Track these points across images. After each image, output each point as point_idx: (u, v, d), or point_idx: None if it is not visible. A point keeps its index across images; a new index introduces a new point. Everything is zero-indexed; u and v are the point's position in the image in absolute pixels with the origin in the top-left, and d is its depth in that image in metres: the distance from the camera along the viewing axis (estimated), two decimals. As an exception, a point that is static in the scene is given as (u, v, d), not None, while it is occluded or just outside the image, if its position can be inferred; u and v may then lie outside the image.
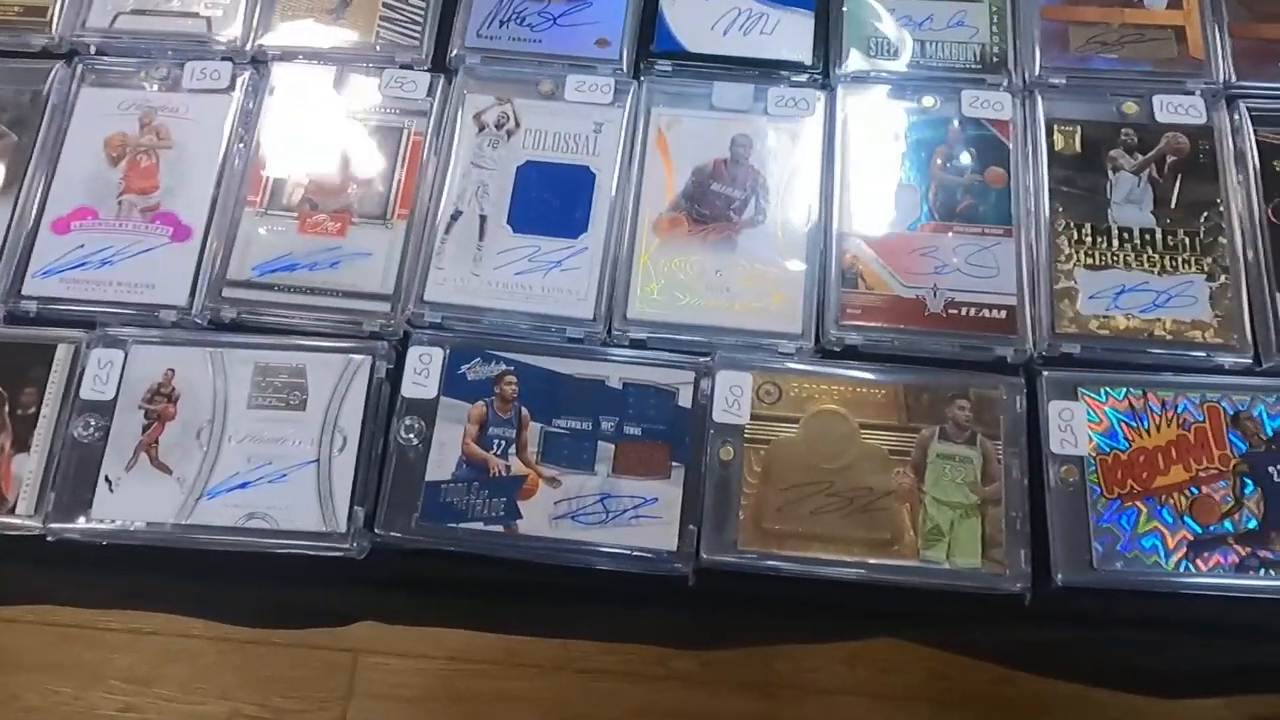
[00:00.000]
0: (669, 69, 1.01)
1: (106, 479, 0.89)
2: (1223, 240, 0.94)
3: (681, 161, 0.98)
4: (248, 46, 1.04)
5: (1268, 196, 0.96)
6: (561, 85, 1.01)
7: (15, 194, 0.98)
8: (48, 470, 0.89)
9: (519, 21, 1.05)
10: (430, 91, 1.00)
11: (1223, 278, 0.93)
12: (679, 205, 0.97)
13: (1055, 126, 0.99)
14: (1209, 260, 0.94)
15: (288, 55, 1.03)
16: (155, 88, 1.01)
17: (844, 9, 1.03)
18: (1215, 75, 1.00)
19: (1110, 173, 0.98)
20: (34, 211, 0.97)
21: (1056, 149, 0.98)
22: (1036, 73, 1.00)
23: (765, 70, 1.01)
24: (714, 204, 0.97)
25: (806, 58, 1.01)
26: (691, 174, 0.97)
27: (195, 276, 0.94)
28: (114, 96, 1.01)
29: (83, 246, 0.96)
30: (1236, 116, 0.98)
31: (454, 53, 1.02)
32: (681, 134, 0.99)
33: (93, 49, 1.04)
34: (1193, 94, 0.98)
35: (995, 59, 1.02)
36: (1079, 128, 0.99)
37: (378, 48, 1.03)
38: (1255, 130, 0.97)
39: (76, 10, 1.05)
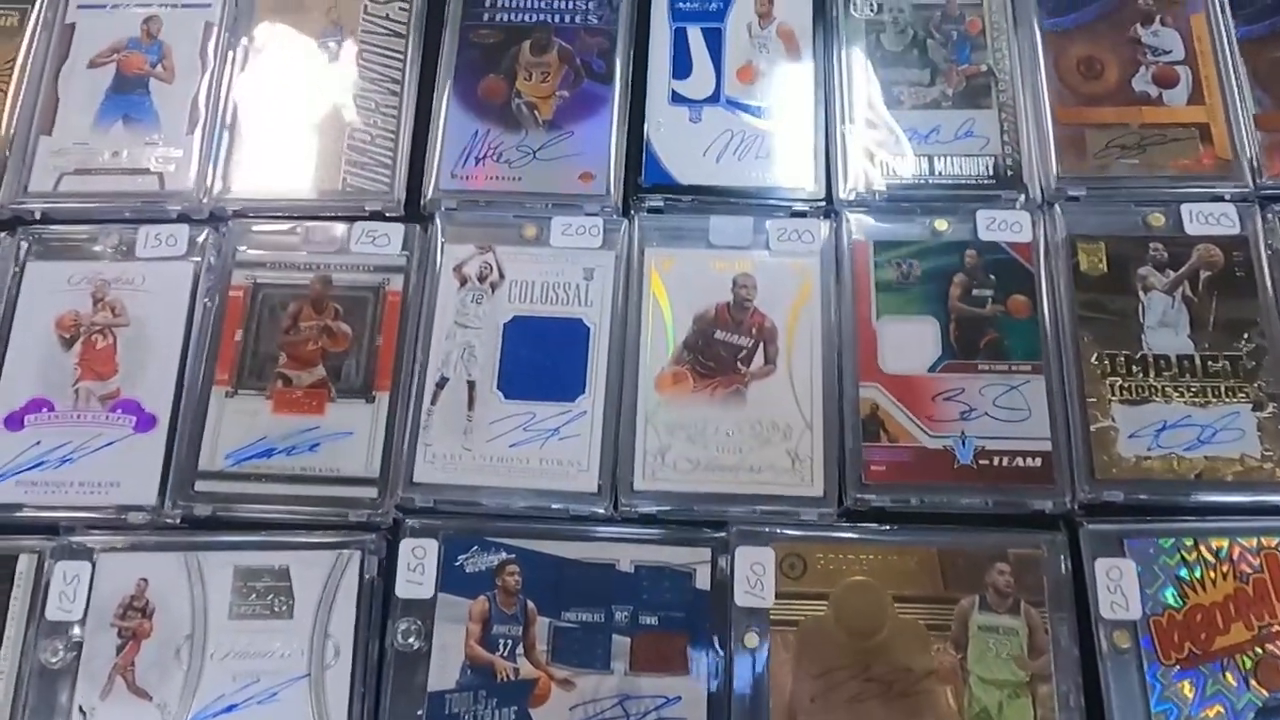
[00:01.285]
0: (660, 205, 0.97)
1: (80, 710, 0.84)
2: (1268, 362, 0.92)
3: (681, 307, 0.93)
4: (204, 200, 0.99)
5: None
6: (546, 228, 0.97)
7: (-39, 387, 0.96)
8: (15, 702, 0.84)
9: (496, 158, 1.00)
10: (405, 244, 0.96)
11: (1271, 407, 0.89)
12: (681, 358, 0.92)
13: (1078, 244, 0.97)
14: (1254, 387, 0.90)
15: (249, 209, 0.98)
16: (107, 257, 0.96)
17: (843, 126, 0.99)
18: (1245, 176, 0.97)
19: (1141, 293, 0.94)
20: (-18, 406, 0.95)
21: (1081, 269, 0.95)
22: (1054, 185, 0.97)
23: (764, 199, 0.98)
24: (719, 354, 0.93)
25: (808, 183, 0.99)
26: (693, 322, 0.93)
27: (164, 470, 0.89)
28: (63, 270, 0.95)
29: (39, 443, 0.90)
30: (1271, 219, 0.94)
31: (428, 197, 0.99)
32: (679, 276, 0.95)
33: (37, 215, 0.98)
34: (1223, 199, 0.96)
35: (1009, 171, 0.99)
36: (1104, 244, 0.96)
37: (345, 193, 0.96)
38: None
39: (17, 173, 1.00)
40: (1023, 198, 0.96)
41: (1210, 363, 0.91)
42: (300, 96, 1.02)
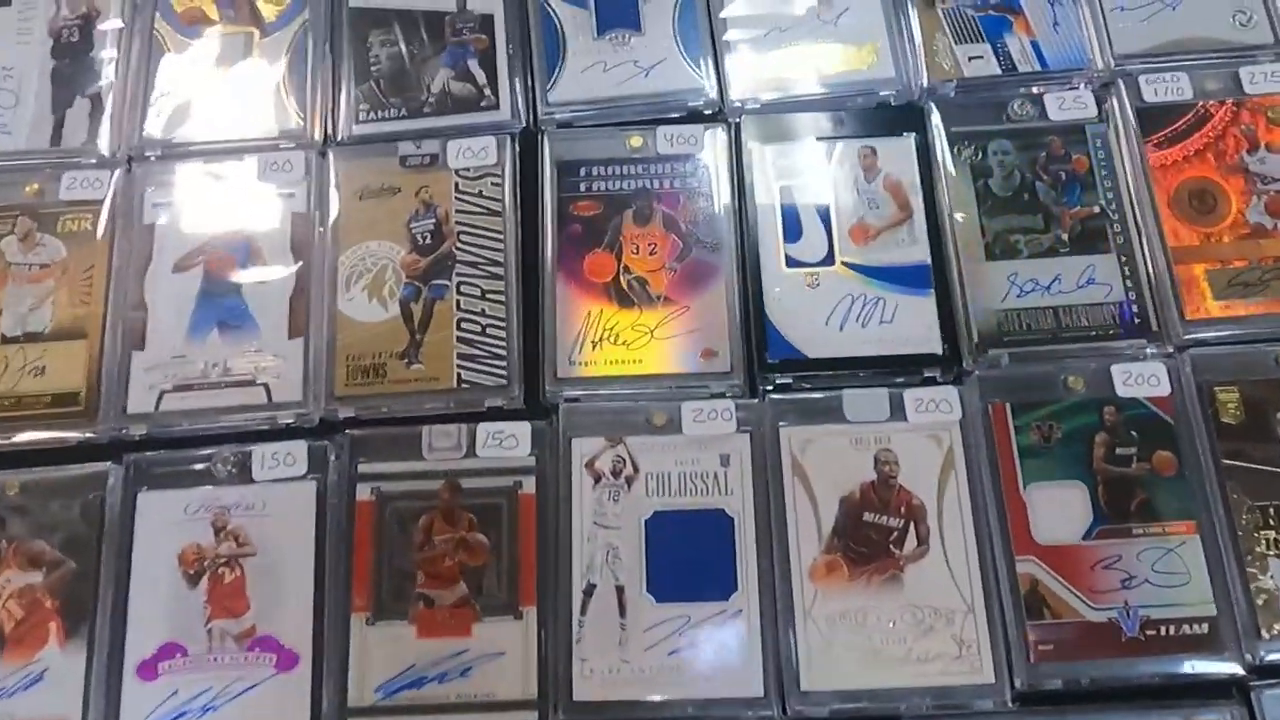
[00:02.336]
0: (789, 381, 0.97)
1: None
2: None
3: (825, 490, 0.93)
4: (315, 409, 0.96)
5: None
6: (676, 414, 0.97)
7: (87, 637, 0.90)
8: None
9: (613, 340, 1.00)
10: (535, 445, 0.95)
11: None
12: (832, 545, 0.92)
13: (1215, 391, 0.99)
14: None
15: (361, 418, 0.97)
16: (223, 480, 0.95)
17: (964, 284, 0.99)
18: (1372, 303, 1.01)
19: (1282, 439, 0.98)
20: (112, 656, 0.89)
21: (1221, 419, 0.98)
22: (1182, 331, 0.98)
23: (894, 368, 0.98)
24: (870, 538, 0.93)
25: (936, 347, 0.99)
26: (839, 504, 0.93)
27: (313, 712, 0.87)
28: (178, 499, 0.94)
29: (176, 693, 0.88)
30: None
31: (547, 389, 0.98)
32: (819, 457, 0.95)
33: (137, 438, 0.97)
34: (1351, 334, 1.00)
35: (1136, 319, 1.00)
36: (1238, 389, 0.99)
37: (460, 402, 0.95)
38: None
39: (113, 395, 0.97)
40: (1153, 347, 0.97)
41: (1361, 508, 0.95)
42: (396, 285, 1.01)
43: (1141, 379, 0.97)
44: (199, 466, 0.95)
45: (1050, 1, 1.10)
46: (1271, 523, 0.93)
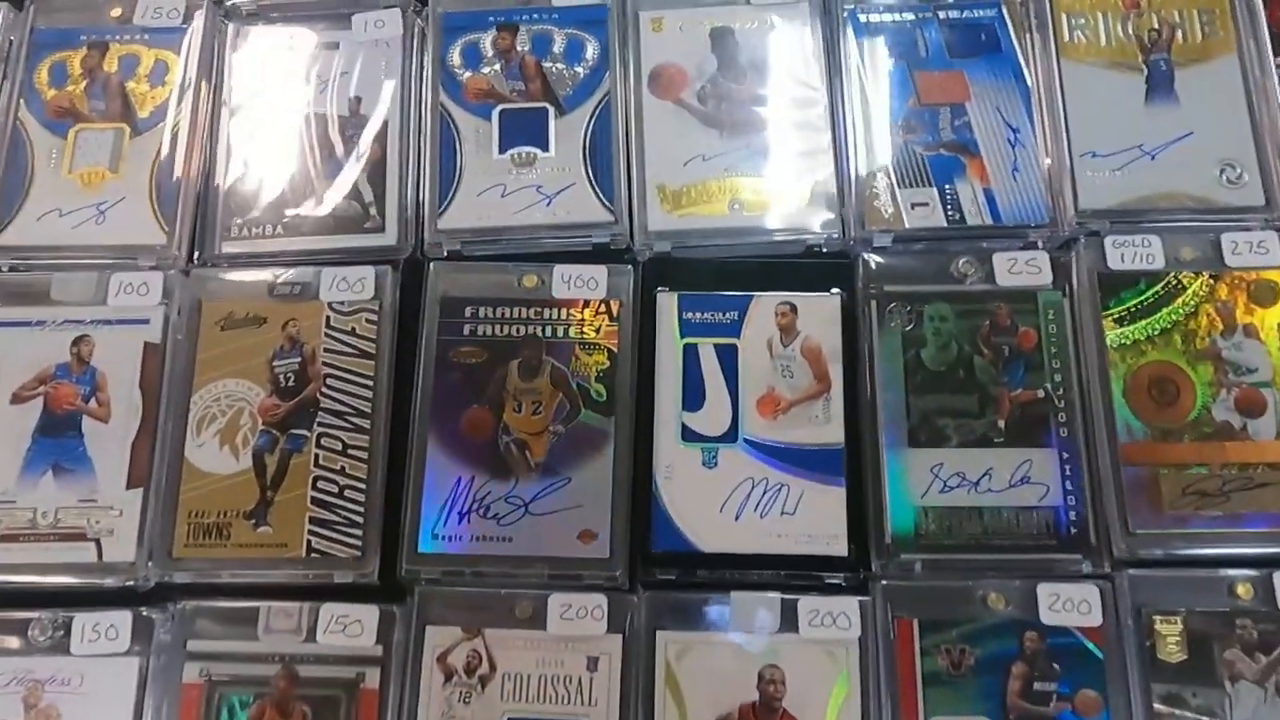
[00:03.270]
0: (674, 577, 0.88)
1: None
2: None
3: (699, 709, 0.83)
4: (147, 575, 0.88)
5: None
6: (542, 606, 0.88)
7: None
8: None
9: (483, 512, 0.91)
10: (382, 632, 0.87)
11: None
12: (701, 775, 0.87)
13: (1155, 621, 0.89)
14: (1361, 805, 0.85)
15: (198, 586, 0.88)
16: (40, 650, 0.86)
17: (884, 474, 0.89)
18: (1346, 531, 0.91)
19: (1228, 684, 0.86)
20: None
21: (1158, 655, 0.88)
22: (1124, 547, 0.87)
23: (792, 570, 0.88)
24: (745, 770, 0.87)
25: (842, 548, 0.90)
26: (713, 726, 0.88)
27: None
28: (-11, 668, 0.90)
29: None
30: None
31: (404, 569, 0.89)
32: (697, 668, 0.85)
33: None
34: (1321, 563, 0.90)
35: (1073, 529, 0.90)
36: (1182, 620, 0.88)
37: (308, 574, 0.87)
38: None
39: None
40: (1088, 564, 0.87)
41: (1310, 773, 0.85)
42: (251, 432, 0.93)
43: (1071, 603, 0.86)
44: (12, 639, 0.87)
45: (1012, 143, 0.99)
46: (1205, 786, 0.85)
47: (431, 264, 0.98)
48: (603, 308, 0.97)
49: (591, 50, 1.04)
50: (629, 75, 1.02)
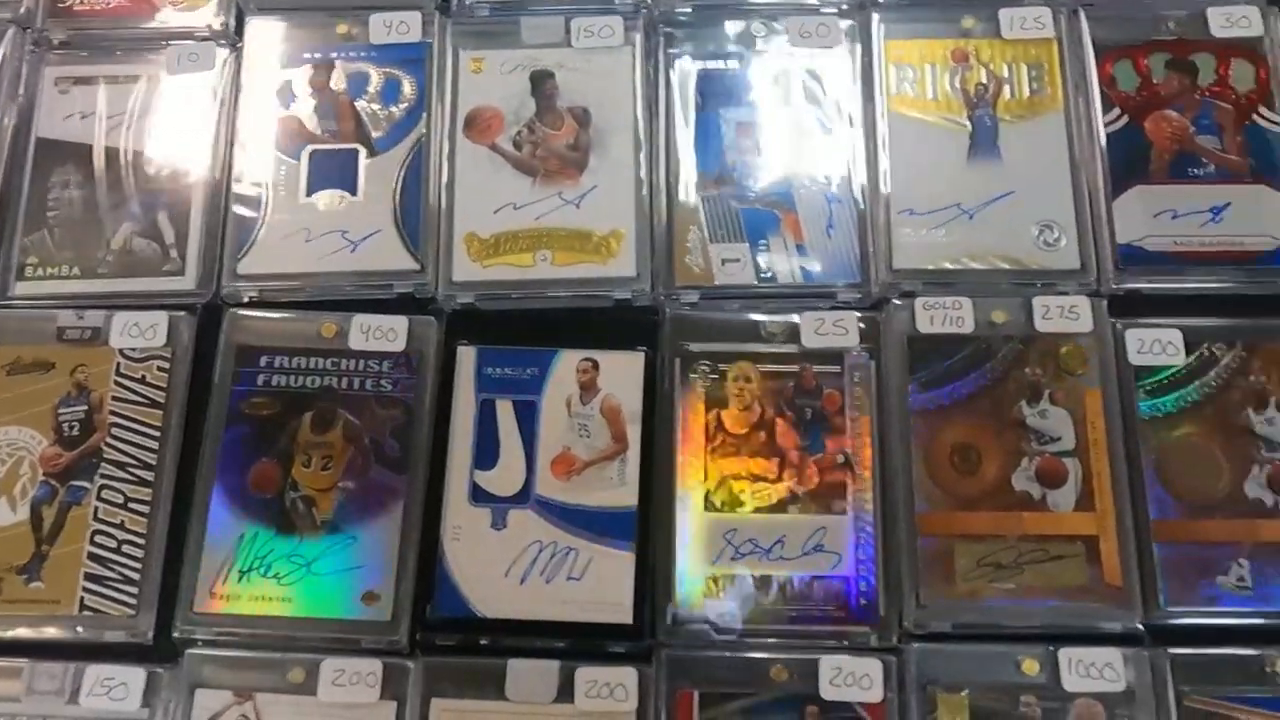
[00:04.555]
0: (452, 643, 0.88)
1: None
2: None
3: (470, 780, 0.88)
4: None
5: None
6: (315, 672, 0.87)
7: None
8: None
9: (264, 571, 0.91)
10: (148, 696, 0.85)
11: None
12: None
13: (939, 698, 0.88)
14: None
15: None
16: None
17: (675, 540, 0.88)
18: (1136, 610, 0.88)
19: (1009, 763, 0.88)
20: None
21: (942, 735, 0.89)
22: (913, 620, 0.87)
23: (574, 638, 0.87)
24: (511, 845, 0.87)
25: (626, 615, 0.89)
26: (483, 800, 0.87)
27: None
28: None
29: None
30: (1167, 667, 0.84)
31: (178, 629, 0.88)
32: (470, 736, 0.89)
33: None
34: (1107, 645, 0.86)
35: (863, 600, 0.90)
36: (967, 698, 0.88)
37: (80, 628, 0.86)
38: (1183, 692, 0.84)
39: None
40: (875, 638, 0.87)
41: None
42: (30, 482, 0.92)
43: (853, 678, 0.87)
44: None
45: (829, 199, 0.99)
46: None
47: (227, 311, 0.97)
48: (402, 360, 0.97)
49: (409, 90, 1.05)
50: (444, 117, 1.03)
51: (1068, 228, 0.97)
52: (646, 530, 0.90)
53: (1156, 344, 0.95)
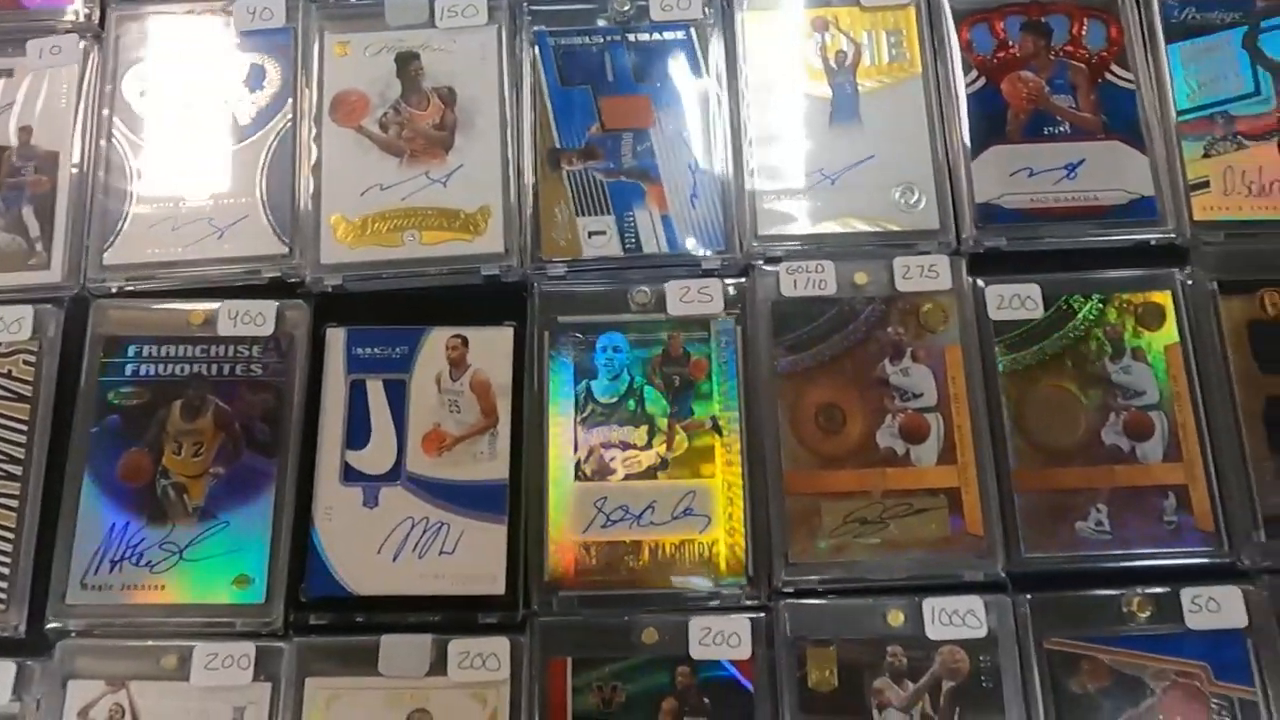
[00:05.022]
0: (325, 622, 0.88)
1: None
2: None
3: (348, 756, 0.88)
4: None
5: (1062, 723, 0.90)
6: (188, 658, 0.87)
7: None
8: None
9: (135, 559, 0.90)
10: (19, 687, 0.85)
11: None
12: (343, 825, 0.87)
13: (808, 652, 0.90)
14: (996, 829, 0.87)
15: None
16: None
17: (548, 510, 0.89)
18: (996, 555, 0.90)
19: (875, 713, 0.88)
20: None
21: (810, 684, 0.90)
22: (781, 579, 0.89)
23: (447, 610, 0.88)
24: (388, 818, 0.87)
25: (499, 587, 0.90)
26: (361, 775, 0.88)
27: None
28: None
29: None
30: (1027, 612, 0.87)
31: (50, 621, 0.88)
32: (346, 714, 0.85)
33: None
34: (972, 589, 0.89)
35: (733, 562, 0.92)
36: (835, 651, 0.90)
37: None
38: (1042, 636, 0.87)
39: None
40: (745, 597, 0.88)
41: (949, 799, 0.88)
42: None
43: (721, 637, 0.89)
44: None
45: (693, 169, 1.01)
46: (847, 813, 0.88)
47: (93, 302, 0.97)
48: (272, 344, 0.97)
49: (274, 75, 1.05)
50: (310, 101, 1.03)
51: (927, 189, 1.00)
52: (518, 502, 0.92)
53: (1015, 299, 0.98)
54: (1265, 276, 0.97)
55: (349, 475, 0.92)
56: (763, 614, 0.89)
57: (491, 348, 0.96)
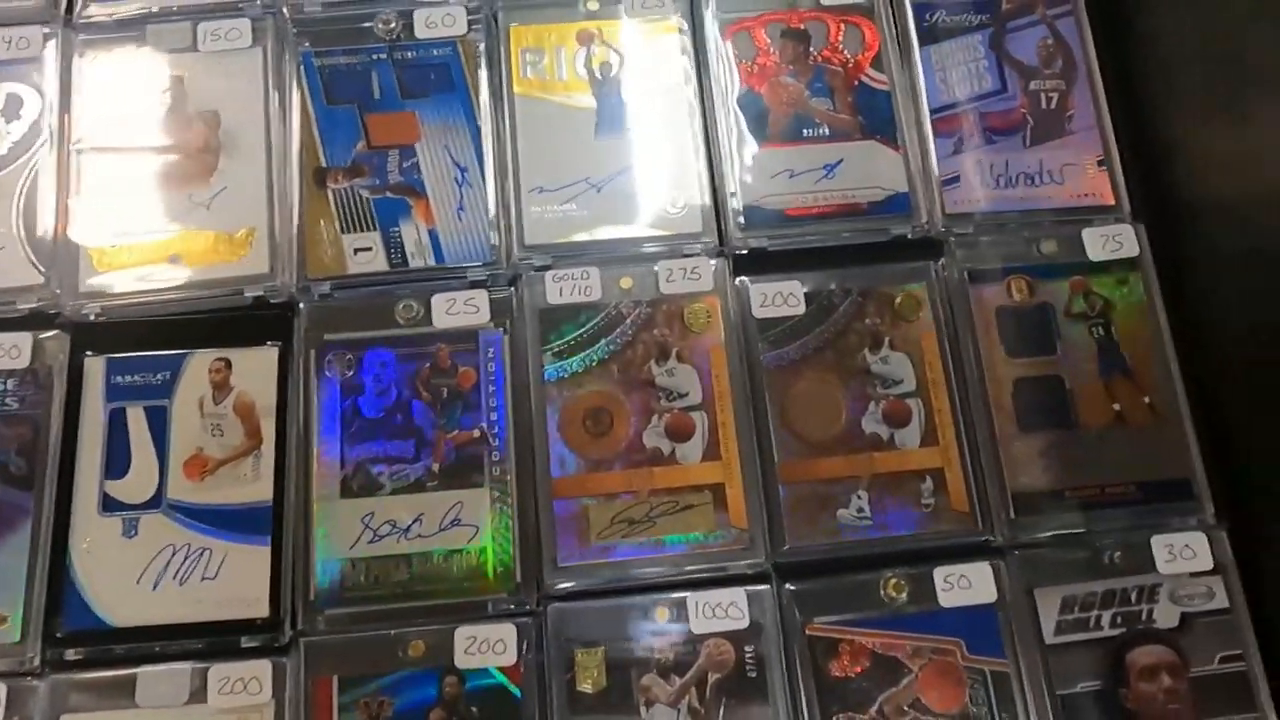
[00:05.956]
0: (81, 656, 0.87)
1: None
2: None
3: (104, 793, 0.87)
4: None
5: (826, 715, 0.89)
6: (-64, 702, 0.89)
7: None
8: None
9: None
10: None
11: None
12: None
13: (576, 654, 0.92)
14: (761, 817, 0.90)
15: None
16: None
17: (314, 529, 0.89)
18: (760, 548, 0.93)
19: (644, 709, 0.89)
20: None
21: (578, 688, 0.91)
22: (549, 583, 0.90)
23: (209, 637, 0.87)
24: None
25: (262, 610, 0.89)
26: (116, 811, 0.87)
27: None
28: None
29: None
30: (790, 600, 0.90)
31: None
32: (103, 751, 0.89)
33: None
34: (736, 586, 0.92)
35: (498, 569, 0.93)
36: (603, 650, 0.92)
37: None
38: (808, 622, 0.90)
39: None
40: (513, 605, 0.89)
41: (716, 790, 0.90)
42: None
43: (487, 644, 0.90)
44: None
45: (459, 182, 1.02)
46: (612, 814, 0.89)
47: None
48: (29, 376, 0.95)
49: (31, 103, 1.05)
50: (69, 128, 1.01)
51: (691, 194, 1.03)
52: (282, 523, 0.92)
53: (778, 296, 1.02)
54: (1012, 264, 1.05)
55: (108, 505, 0.92)
56: (529, 619, 0.91)
57: (256, 369, 0.96)
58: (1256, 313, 0.98)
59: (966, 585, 0.93)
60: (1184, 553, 0.94)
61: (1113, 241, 1.03)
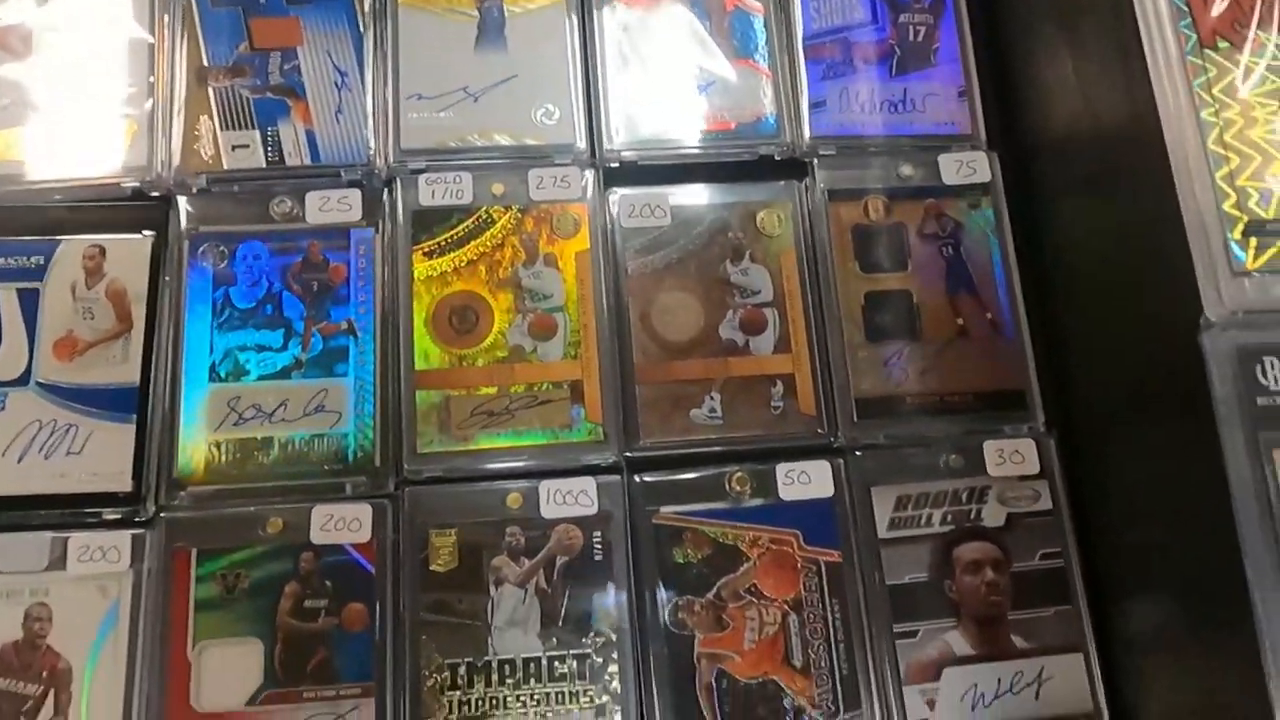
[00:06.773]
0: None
1: None
2: (615, 661, 0.95)
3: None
4: None
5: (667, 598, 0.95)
6: None
7: None
8: None
9: None
10: None
11: (616, 716, 0.93)
12: (-46, 717, 0.89)
13: (431, 534, 0.97)
14: (597, 688, 0.93)
15: None
16: None
17: (180, 411, 0.92)
18: (613, 442, 0.97)
19: (492, 588, 0.95)
20: None
21: (430, 567, 0.96)
22: (410, 468, 0.95)
23: (71, 508, 0.89)
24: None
25: (125, 484, 0.92)
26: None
27: None
28: None
29: None
30: (638, 490, 0.95)
31: None
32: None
33: None
34: (586, 475, 0.97)
35: (360, 453, 0.97)
36: (456, 532, 0.97)
37: None
38: (654, 511, 0.94)
39: None
40: (369, 483, 0.93)
41: (557, 663, 0.94)
42: None
43: (343, 523, 0.94)
44: None
45: (338, 86, 1.06)
46: (460, 683, 0.93)
47: None
48: (-89, 261, 1.00)
49: (-87, -6, 1.07)
50: (-48, 20, 1.06)
51: (565, 107, 1.08)
52: (148, 404, 0.96)
53: (646, 208, 1.07)
54: (869, 186, 1.10)
55: (-22, 382, 0.97)
56: (386, 501, 0.96)
57: (129, 257, 0.99)
58: (1092, 239, 1.04)
59: (806, 481, 0.99)
60: (1014, 457, 1.02)
61: (967, 167, 1.10)
